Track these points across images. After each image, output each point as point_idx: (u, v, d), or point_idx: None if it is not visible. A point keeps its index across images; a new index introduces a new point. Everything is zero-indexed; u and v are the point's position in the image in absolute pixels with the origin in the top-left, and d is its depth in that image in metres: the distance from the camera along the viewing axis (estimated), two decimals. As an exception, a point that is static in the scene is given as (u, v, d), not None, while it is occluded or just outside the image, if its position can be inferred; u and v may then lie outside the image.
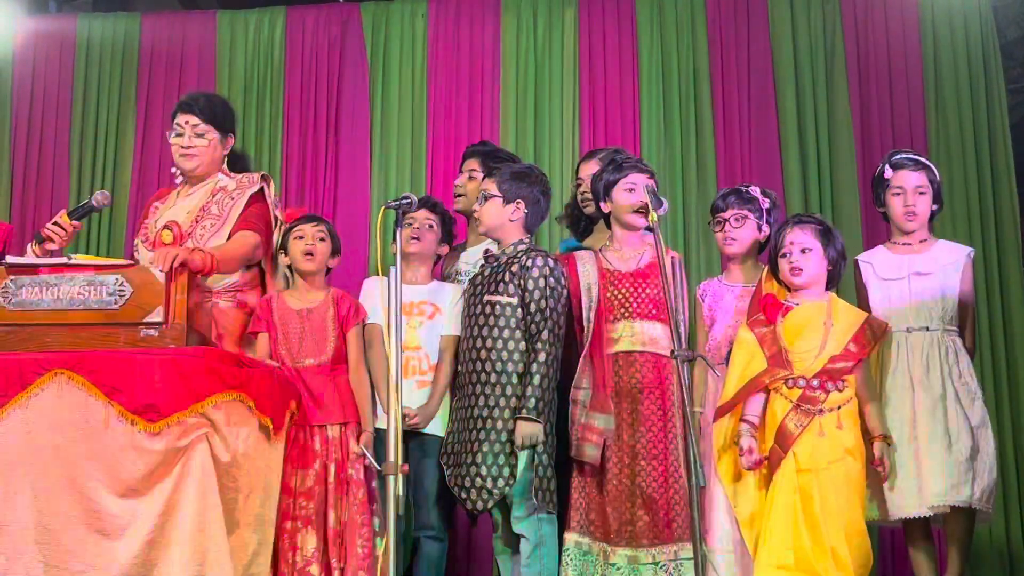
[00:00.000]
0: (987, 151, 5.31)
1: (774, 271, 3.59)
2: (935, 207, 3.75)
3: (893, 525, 3.60)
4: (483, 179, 3.86)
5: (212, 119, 3.78)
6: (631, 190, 3.60)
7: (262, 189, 3.77)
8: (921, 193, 3.69)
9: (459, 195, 4.19)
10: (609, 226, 3.75)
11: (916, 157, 3.77)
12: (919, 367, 3.52)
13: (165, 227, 3.70)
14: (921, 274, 3.63)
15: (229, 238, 3.63)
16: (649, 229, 3.45)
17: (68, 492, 2.83)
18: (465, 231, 4.31)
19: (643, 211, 3.52)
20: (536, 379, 3.34)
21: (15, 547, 2.80)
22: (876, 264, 3.73)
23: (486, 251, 3.70)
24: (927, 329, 3.56)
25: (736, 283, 3.78)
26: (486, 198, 3.59)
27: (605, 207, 3.69)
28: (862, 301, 3.74)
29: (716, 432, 3.52)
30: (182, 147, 3.76)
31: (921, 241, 3.72)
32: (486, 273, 3.58)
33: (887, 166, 3.76)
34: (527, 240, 3.58)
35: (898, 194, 3.71)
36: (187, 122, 3.75)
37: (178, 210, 3.77)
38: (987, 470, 3.43)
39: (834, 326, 3.44)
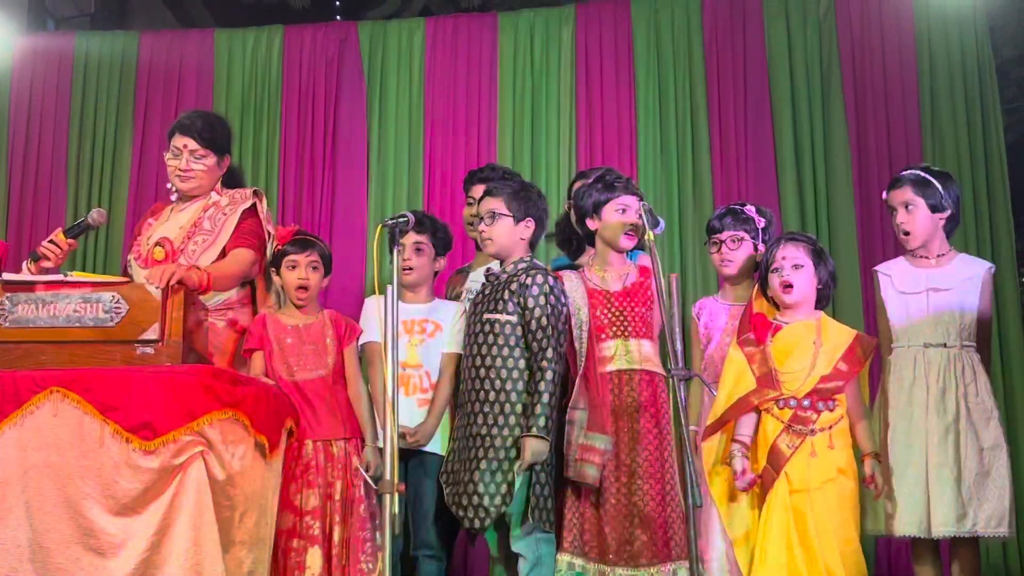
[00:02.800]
0: (983, 171, 5.32)
1: (764, 288, 3.57)
2: (942, 220, 3.62)
3: (900, 539, 3.56)
4: (483, 197, 3.80)
5: (211, 143, 3.72)
6: (623, 211, 3.57)
7: (254, 205, 3.74)
8: (910, 209, 3.60)
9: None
10: (592, 244, 3.74)
11: (904, 174, 3.69)
12: (935, 386, 3.47)
13: (157, 244, 3.67)
14: (938, 289, 3.56)
15: (223, 254, 3.61)
16: (642, 248, 3.44)
17: (63, 510, 2.82)
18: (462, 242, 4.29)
19: (633, 232, 3.52)
20: (545, 397, 3.32)
21: (9, 565, 2.79)
22: (895, 276, 3.66)
23: (488, 269, 3.68)
24: (944, 346, 3.51)
25: (732, 302, 3.77)
26: (494, 218, 3.54)
27: (592, 224, 3.64)
28: (879, 312, 3.68)
29: (706, 451, 3.51)
30: (180, 169, 3.71)
31: (940, 255, 3.63)
32: (486, 292, 3.56)
33: (887, 188, 3.73)
34: (527, 258, 3.56)
35: (893, 213, 3.68)
36: (185, 146, 3.69)
37: (171, 226, 3.73)
38: (998, 494, 3.37)
39: (823, 345, 3.43)
